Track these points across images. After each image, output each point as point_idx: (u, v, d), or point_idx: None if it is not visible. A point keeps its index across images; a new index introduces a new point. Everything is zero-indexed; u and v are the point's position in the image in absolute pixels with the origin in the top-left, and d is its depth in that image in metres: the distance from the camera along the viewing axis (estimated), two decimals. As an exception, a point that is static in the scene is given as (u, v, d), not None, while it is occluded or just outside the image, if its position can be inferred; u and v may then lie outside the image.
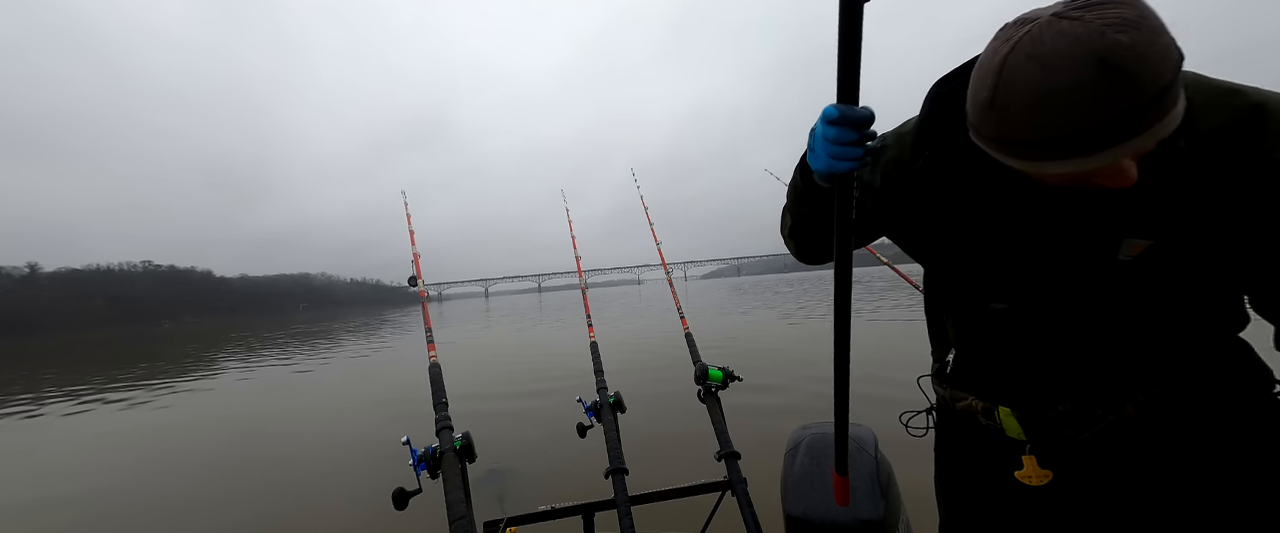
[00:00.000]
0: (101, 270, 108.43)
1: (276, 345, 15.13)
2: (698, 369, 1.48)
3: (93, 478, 3.76)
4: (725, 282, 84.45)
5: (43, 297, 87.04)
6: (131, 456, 4.28)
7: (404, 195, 2.01)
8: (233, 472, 3.67)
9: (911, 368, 1.01)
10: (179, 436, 4.95)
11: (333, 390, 7.13)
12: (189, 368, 10.77)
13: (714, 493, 1.41)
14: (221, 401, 6.78)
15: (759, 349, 7.09)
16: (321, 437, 4.48)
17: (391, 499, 1.07)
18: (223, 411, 6.11)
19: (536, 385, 6.15)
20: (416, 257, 1.67)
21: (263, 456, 4.05)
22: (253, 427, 5.14)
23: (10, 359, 17.97)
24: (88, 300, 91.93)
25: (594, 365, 1.64)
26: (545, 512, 1.42)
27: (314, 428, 4.90)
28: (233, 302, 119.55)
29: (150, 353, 16.29)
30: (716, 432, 1.37)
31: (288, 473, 3.57)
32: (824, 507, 1.00)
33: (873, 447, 1.10)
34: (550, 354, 9.07)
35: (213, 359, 12.34)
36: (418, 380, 2.81)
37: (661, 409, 4.27)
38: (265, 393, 7.26)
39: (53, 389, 8.89)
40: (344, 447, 4.07)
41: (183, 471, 3.79)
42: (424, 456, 1.13)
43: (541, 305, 30.76)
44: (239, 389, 7.66)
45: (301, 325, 29.54)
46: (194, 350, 15.88)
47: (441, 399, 1.26)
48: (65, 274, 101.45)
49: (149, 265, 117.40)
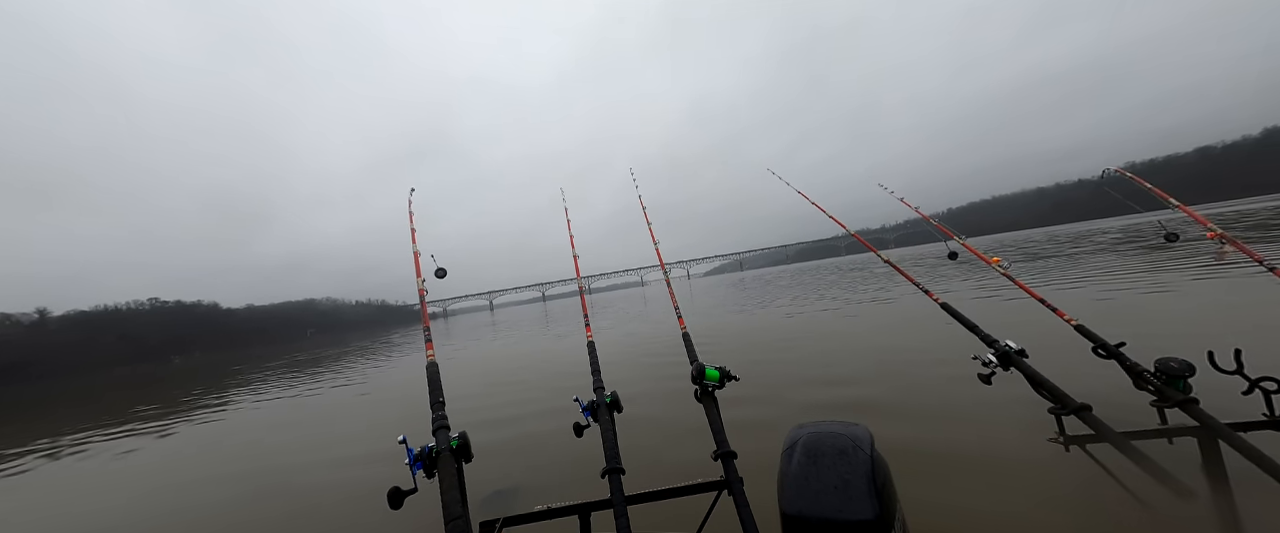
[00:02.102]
0: (110, 310, 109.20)
1: (285, 373, 15.18)
2: (695, 369, 1.49)
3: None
4: (728, 277, 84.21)
5: (52, 341, 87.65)
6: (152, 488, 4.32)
7: (411, 192, 2.04)
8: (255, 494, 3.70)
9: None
10: (190, 468, 4.98)
11: (339, 409, 7.15)
12: (201, 402, 10.83)
13: (711, 492, 1.41)
14: (234, 429, 6.81)
15: (757, 347, 7.07)
16: (327, 450, 4.50)
17: (386, 498, 1.06)
18: (233, 439, 6.14)
19: (537, 385, 6.16)
20: (417, 256, 1.69)
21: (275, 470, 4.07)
22: (266, 450, 5.16)
23: (16, 410, 18.05)
24: (97, 342, 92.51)
25: (591, 365, 1.65)
26: (541, 512, 1.42)
27: (321, 442, 4.92)
28: (241, 333, 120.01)
29: (160, 391, 16.37)
30: (713, 431, 1.37)
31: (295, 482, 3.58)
32: (821, 506, 1.00)
33: (869, 446, 1.10)
34: (551, 357, 9.09)
35: (223, 391, 12.42)
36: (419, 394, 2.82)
37: (658, 409, 4.26)
38: (274, 417, 7.29)
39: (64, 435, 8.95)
40: (345, 445, 4.10)
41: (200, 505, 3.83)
42: (420, 455, 1.13)
43: (547, 314, 30.77)
44: (251, 417, 7.70)
45: (303, 354, 29.67)
46: (203, 385, 15.95)
47: (438, 399, 1.27)
48: (74, 317, 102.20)
49: (156, 302, 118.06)
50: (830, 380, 4.48)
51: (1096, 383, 2.23)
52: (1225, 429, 1.46)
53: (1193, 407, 1.56)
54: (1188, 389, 1.65)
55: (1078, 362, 2.30)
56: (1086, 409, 1.60)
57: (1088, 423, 1.58)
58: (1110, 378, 2.01)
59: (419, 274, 1.64)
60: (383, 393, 8.35)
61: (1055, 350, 2.42)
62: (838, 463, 1.05)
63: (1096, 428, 1.56)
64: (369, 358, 16.54)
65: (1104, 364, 1.90)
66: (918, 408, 3.41)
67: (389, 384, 9.35)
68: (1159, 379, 1.70)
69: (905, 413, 3.37)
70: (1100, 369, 2.01)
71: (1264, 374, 1.65)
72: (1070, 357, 2.38)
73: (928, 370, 4.22)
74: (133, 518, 3.71)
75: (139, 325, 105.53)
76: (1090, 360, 1.95)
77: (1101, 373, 2.09)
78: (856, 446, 1.07)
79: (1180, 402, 1.59)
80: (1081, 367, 2.33)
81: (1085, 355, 1.94)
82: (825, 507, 0.99)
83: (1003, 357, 1.82)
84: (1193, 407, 1.56)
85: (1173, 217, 2.53)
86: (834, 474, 1.03)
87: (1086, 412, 1.59)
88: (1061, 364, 2.21)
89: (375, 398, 7.83)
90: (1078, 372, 2.35)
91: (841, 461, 1.05)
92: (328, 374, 12.85)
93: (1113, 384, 2.06)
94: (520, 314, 39.70)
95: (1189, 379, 1.67)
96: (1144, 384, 1.75)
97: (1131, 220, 41.85)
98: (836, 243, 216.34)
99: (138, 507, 3.91)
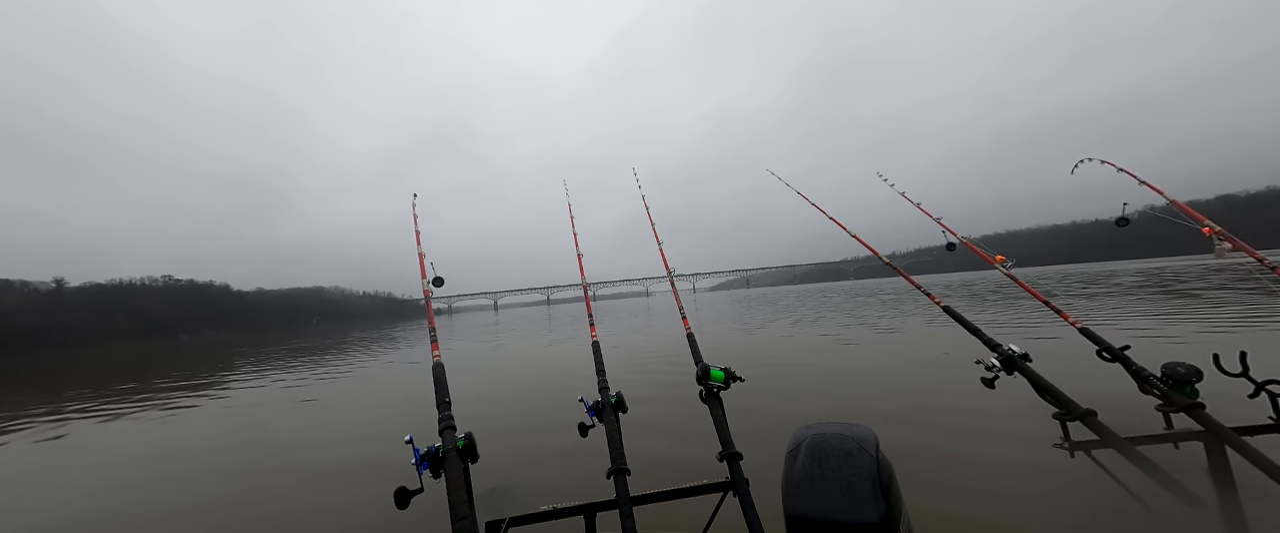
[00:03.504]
0: (124, 285, 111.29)
1: (292, 359, 15.34)
2: (700, 370, 1.50)
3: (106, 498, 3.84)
4: (734, 293, 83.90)
5: (68, 312, 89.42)
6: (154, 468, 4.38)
7: (414, 198, 2.07)
8: (252, 477, 3.74)
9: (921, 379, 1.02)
10: (193, 446, 5.04)
11: (345, 398, 7.19)
12: (208, 377, 10.97)
13: (716, 494, 1.41)
14: (238, 411, 6.89)
15: (761, 353, 7.03)
16: (335, 445, 4.53)
17: (393, 498, 1.07)
18: (239, 420, 6.21)
19: (538, 387, 6.15)
20: (422, 256, 1.72)
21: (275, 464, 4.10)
22: (265, 436, 5.22)
23: (35, 377, 18.37)
24: (111, 315, 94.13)
25: (596, 365, 1.66)
26: (547, 512, 1.43)
27: (326, 435, 4.96)
28: (249, 315, 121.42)
29: (179, 362, 16.61)
30: (718, 432, 1.39)
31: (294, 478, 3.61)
32: (825, 507, 1.00)
33: (874, 447, 1.10)
34: (555, 358, 9.09)
35: (229, 370, 12.57)
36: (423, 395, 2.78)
37: (663, 410, 4.26)
38: (272, 405, 7.35)
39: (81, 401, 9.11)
40: (352, 445, 4.12)
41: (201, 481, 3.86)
42: (427, 455, 1.13)
43: (551, 317, 30.79)
44: (261, 398, 7.77)
45: (303, 340, 29.85)
46: (193, 368, 16.14)
47: (445, 399, 1.27)
48: (90, 289, 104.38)
49: (170, 280, 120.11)
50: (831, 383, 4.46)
51: (1101, 387, 2.20)
52: (1231, 434, 1.45)
53: (1198, 411, 1.55)
54: (1195, 394, 1.63)
55: (1082, 366, 2.27)
56: (1091, 414, 1.58)
57: (1092, 428, 1.57)
58: (1115, 382, 1.98)
59: (424, 275, 1.67)
60: (352, 399, 7.25)
61: (1057, 351, 2.38)
62: (842, 465, 1.05)
63: (1101, 433, 1.55)
64: (367, 351, 16.63)
65: (1108, 368, 1.88)
66: (921, 412, 3.40)
67: (375, 385, 8.76)
68: (1166, 384, 1.68)
69: (909, 418, 3.36)
70: (1104, 373, 1.98)
71: (1270, 378, 1.63)
72: (1074, 360, 2.36)
73: (931, 376, 4.18)
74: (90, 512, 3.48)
75: (151, 301, 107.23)
76: (1095, 364, 1.93)
77: (1106, 377, 2.07)
78: (861, 447, 1.07)
79: (1186, 406, 1.58)
80: (1085, 371, 2.31)
81: (1089, 359, 1.92)
82: (830, 508, 0.99)
83: (1006, 361, 1.81)
84: (1198, 411, 1.55)
85: (1156, 205, 2.24)
86: (839, 476, 1.03)
87: (1091, 417, 1.58)
88: (1065, 369, 2.19)
89: (339, 405, 6.92)
90: (1082, 376, 2.30)
91: (846, 462, 1.05)
92: (326, 364, 12.93)
93: (1117, 389, 2.03)
94: (524, 316, 39.77)
95: (1196, 384, 1.65)
96: (1150, 389, 1.72)
97: (1153, 264, 40.60)
98: (845, 267, 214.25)
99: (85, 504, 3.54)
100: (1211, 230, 2.04)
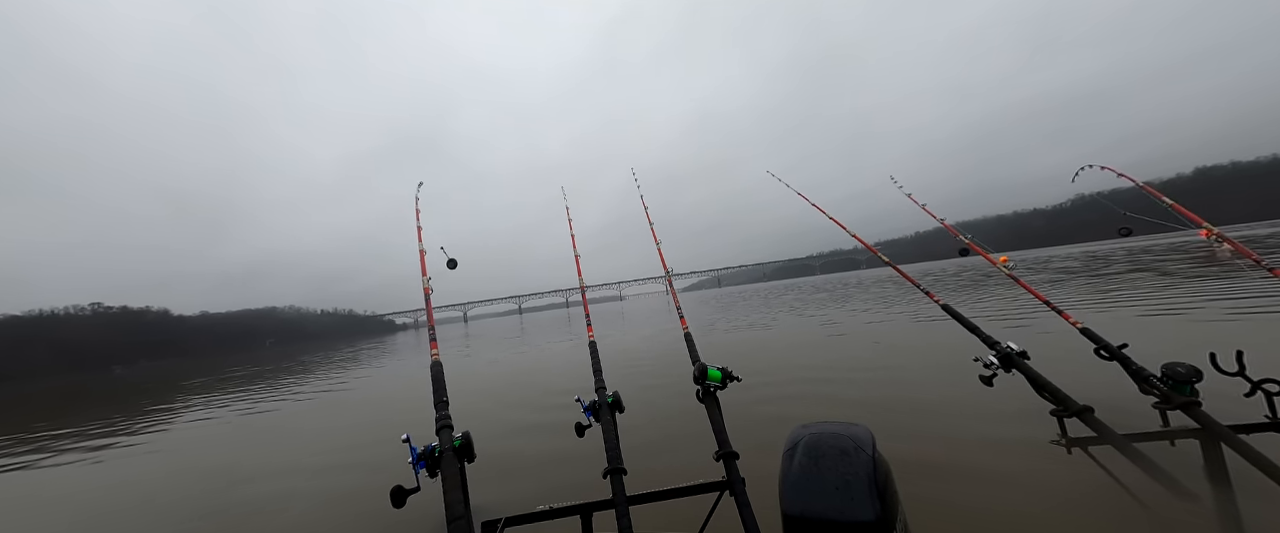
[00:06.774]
0: (45, 315, 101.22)
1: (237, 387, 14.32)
2: (696, 369, 1.50)
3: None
4: (706, 293, 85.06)
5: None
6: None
7: (418, 187, 2.03)
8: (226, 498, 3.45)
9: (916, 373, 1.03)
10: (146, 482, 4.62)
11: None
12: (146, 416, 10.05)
13: (712, 493, 1.42)
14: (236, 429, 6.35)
15: (755, 350, 7.13)
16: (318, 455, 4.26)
17: (389, 497, 1.06)
18: (230, 437, 5.73)
19: (537, 388, 6.02)
20: (422, 254, 1.68)
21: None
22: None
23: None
24: (26, 348, 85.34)
25: (592, 365, 1.65)
26: (543, 512, 1.41)
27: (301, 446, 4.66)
28: (193, 341, 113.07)
29: (105, 401, 15.15)
30: (715, 432, 1.39)
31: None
32: (822, 506, 1.00)
33: (871, 446, 1.10)
34: (552, 359, 8.90)
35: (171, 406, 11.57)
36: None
37: (660, 409, 4.25)
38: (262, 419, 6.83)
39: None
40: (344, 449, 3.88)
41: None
42: (423, 454, 1.13)
43: (523, 328, 30.16)
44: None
45: (242, 369, 28.08)
46: (138, 399, 14.85)
47: (442, 398, 1.26)
48: (3, 321, 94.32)
49: (98, 307, 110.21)
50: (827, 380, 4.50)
51: (1098, 385, 2.21)
52: (1227, 431, 1.47)
53: (1195, 409, 1.57)
54: (1194, 394, 1.65)
55: (1079, 363, 2.29)
56: (1088, 411, 1.60)
57: (1090, 425, 1.59)
58: (1112, 380, 2.00)
59: (424, 272, 1.63)
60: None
61: (1056, 349, 2.40)
62: (839, 464, 1.05)
63: (1098, 430, 1.57)
64: (308, 377, 15.76)
65: (1106, 366, 1.90)
66: (919, 410, 3.43)
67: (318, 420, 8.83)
68: (1165, 384, 1.70)
69: (906, 414, 3.39)
70: (1102, 371, 2.00)
71: (1266, 376, 1.65)
72: (1072, 358, 2.39)
73: (928, 374, 4.28)
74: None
75: (77, 330, 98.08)
76: (1092, 362, 1.94)
77: (1103, 375, 2.09)
78: (858, 446, 1.08)
79: (1182, 404, 1.60)
80: (1083, 368, 2.32)
81: (1087, 357, 1.94)
82: (826, 508, 1.00)
83: (1004, 358, 1.83)
84: (1195, 409, 1.57)
85: (1154, 208, 2.29)
86: (835, 475, 1.04)
87: (1088, 414, 1.60)
88: (1062, 366, 2.20)
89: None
90: (1079, 373, 2.32)
91: (843, 461, 1.06)
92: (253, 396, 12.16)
93: (1114, 386, 2.05)
94: (495, 327, 38.79)
95: (1196, 384, 1.67)
96: (1149, 389, 1.74)
97: (1089, 248, 41.82)
98: (811, 262, 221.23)
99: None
100: (1209, 233, 2.04)
